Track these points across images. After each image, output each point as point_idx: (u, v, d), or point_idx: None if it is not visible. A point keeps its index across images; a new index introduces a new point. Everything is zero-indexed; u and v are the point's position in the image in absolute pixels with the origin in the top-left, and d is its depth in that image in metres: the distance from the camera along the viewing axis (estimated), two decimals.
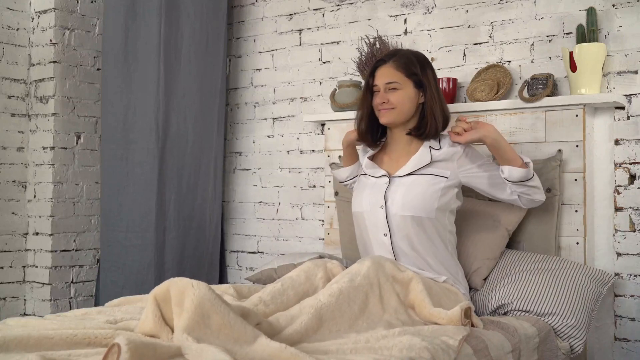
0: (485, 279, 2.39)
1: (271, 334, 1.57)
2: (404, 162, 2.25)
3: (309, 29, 3.37)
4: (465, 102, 2.86)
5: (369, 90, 2.29)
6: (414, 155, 2.23)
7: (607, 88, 2.57)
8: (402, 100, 2.20)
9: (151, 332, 1.53)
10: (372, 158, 2.36)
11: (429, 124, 2.21)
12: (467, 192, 2.64)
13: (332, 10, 3.29)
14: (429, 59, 2.94)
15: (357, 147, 2.49)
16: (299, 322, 1.65)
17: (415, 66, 2.23)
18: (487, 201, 2.55)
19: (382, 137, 2.37)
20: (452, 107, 2.75)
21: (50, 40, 3.27)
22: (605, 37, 2.57)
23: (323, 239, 3.18)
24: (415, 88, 2.22)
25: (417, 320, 1.87)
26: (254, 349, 1.44)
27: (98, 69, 3.41)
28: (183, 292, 1.49)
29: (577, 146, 2.50)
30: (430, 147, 2.23)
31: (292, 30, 3.42)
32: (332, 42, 3.28)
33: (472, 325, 1.89)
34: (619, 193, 2.54)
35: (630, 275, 2.51)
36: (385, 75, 2.22)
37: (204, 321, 1.45)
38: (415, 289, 1.90)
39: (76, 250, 3.33)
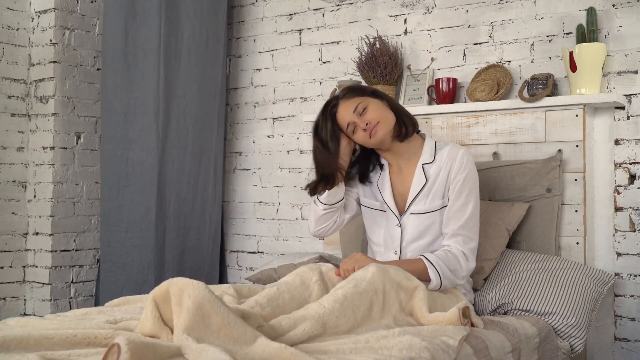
0: (485, 279, 2.39)
1: (272, 337, 1.56)
2: (410, 178, 2.22)
3: (309, 29, 3.37)
4: (465, 102, 2.86)
5: (336, 140, 2.18)
6: (413, 179, 2.20)
7: (607, 88, 2.57)
8: (379, 111, 2.14)
9: (151, 333, 1.53)
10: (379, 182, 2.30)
11: (403, 119, 2.18)
12: None
13: (332, 10, 3.29)
14: (429, 59, 2.95)
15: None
16: (301, 328, 1.64)
17: (364, 89, 2.22)
18: (487, 201, 2.56)
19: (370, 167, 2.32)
20: (452, 107, 2.76)
21: (50, 40, 3.27)
22: (605, 37, 2.57)
23: (323, 239, 3.18)
24: (378, 99, 2.18)
25: (415, 325, 1.87)
26: (254, 349, 1.43)
27: (98, 69, 3.41)
28: (183, 292, 1.49)
29: (577, 146, 2.50)
30: (422, 165, 2.19)
31: (292, 30, 3.42)
32: (332, 42, 3.28)
33: (472, 325, 1.89)
34: (619, 193, 2.54)
35: (630, 275, 2.51)
36: (347, 106, 2.15)
37: (204, 321, 1.45)
38: (416, 297, 1.90)
39: (76, 250, 3.33)
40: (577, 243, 2.48)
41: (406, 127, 2.19)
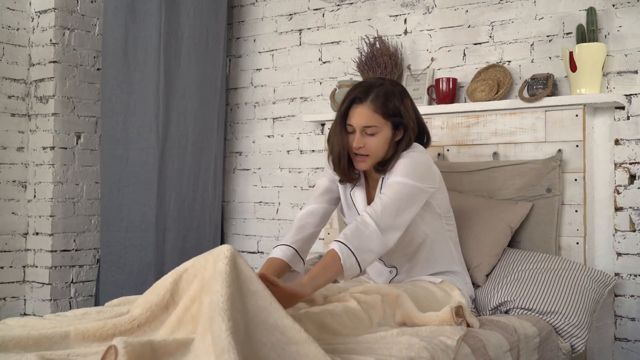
0: (487, 275, 2.39)
1: None
2: (375, 190, 2.16)
3: (309, 29, 3.37)
4: (465, 102, 2.86)
5: (343, 126, 2.06)
6: (376, 191, 2.13)
7: (607, 88, 2.57)
8: (380, 145, 2.03)
9: (154, 302, 1.57)
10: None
11: (392, 161, 2.06)
12: (466, 190, 2.65)
13: (332, 10, 3.29)
14: (429, 59, 2.95)
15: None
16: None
17: (394, 103, 2.04)
18: (489, 198, 2.55)
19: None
20: (452, 107, 2.76)
21: (50, 40, 3.27)
22: (605, 37, 2.57)
23: (323, 239, 3.18)
24: (393, 130, 2.05)
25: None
26: (267, 315, 1.42)
27: (98, 69, 3.41)
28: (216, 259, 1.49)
29: (577, 146, 2.49)
30: (382, 177, 2.10)
31: (292, 30, 3.42)
32: (332, 42, 3.28)
33: (468, 325, 1.89)
34: (619, 193, 2.54)
35: (630, 275, 2.51)
36: (363, 117, 2.01)
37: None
38: (403, 305, 1.90)
39: (76, 250, 3.33)
40: (577, 243, 2.48)
41: (383, 167, 2.07)
